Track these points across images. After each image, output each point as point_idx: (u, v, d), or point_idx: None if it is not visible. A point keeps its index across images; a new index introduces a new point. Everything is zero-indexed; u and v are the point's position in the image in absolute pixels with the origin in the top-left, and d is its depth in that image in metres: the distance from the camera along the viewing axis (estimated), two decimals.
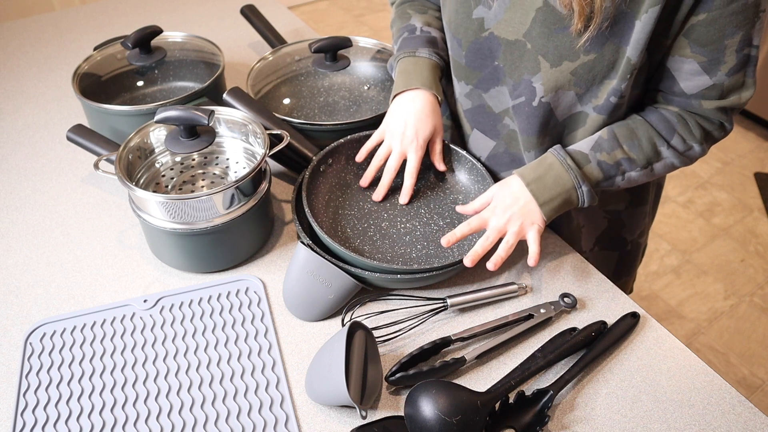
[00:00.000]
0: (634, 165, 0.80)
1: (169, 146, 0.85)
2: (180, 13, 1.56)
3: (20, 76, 1.32)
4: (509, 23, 0.79)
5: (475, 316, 0.82)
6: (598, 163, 0.79)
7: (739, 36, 0.71)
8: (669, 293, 2.01)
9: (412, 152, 0.89)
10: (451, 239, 0.80)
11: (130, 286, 0.86)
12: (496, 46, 0.82)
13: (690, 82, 0.76)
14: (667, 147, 0.80)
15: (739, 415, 0.71)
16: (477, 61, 0.85)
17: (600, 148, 0.80)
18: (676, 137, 0.79)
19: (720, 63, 0.73)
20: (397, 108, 0.91)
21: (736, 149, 2.60)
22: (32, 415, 0.71)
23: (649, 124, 0.80)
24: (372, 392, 0.71)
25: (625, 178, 0.81)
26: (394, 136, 0.90)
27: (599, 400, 0.72)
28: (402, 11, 1.01)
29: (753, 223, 2.27)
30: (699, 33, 0.72)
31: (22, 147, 1.12)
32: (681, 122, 0.79)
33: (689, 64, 0.75)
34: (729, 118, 0.79)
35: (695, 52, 0.74)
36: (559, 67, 0.77)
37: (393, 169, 0.90)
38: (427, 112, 0.90)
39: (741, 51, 0.72)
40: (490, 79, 0.86)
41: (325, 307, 0.80)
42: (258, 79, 1.08)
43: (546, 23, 0.76)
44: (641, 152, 0.79)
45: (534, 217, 0.79)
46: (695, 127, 0.79)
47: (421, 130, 0.89)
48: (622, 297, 0.84)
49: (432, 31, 0.96)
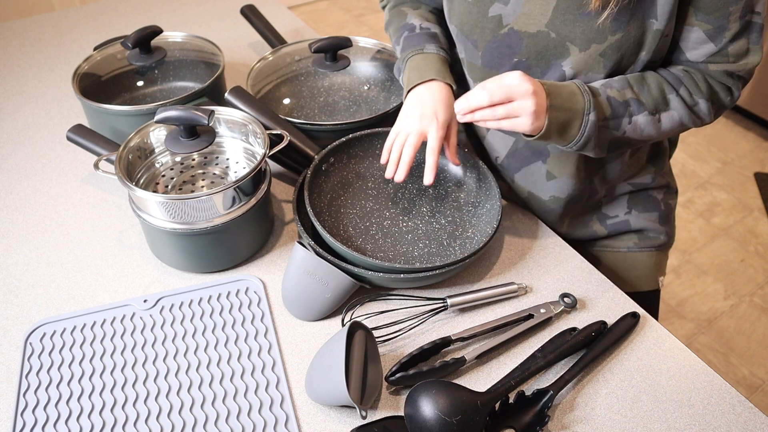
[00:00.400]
0: (642, 107, 0.79)
1: (169, 146, 0.85)
2: (180, 13, 1.56)
3: (20, 76, 1.32)
4: (529, 16, 0.79)
5: (475, 316, 0.82)
6: (607, 98, 0.78)
7: (742, 2, 0.73)
8: (669, 293, 2.01)
9: (433, 130, 0.85)
10: (464, 107, 0.74)
11: (130, 286, 0.86)
12: (516, 41, 0.81)
13: (696, 51, 0.79)
14: (676, 95, 0.80)
15: (739, 415, 0.71)
16: (494, 60, 0.84)
17: (610, 85, 0.79)
18: (683, 88, 0.80)
19: (725, 30, 0.75)
20: (414, 98, 0.88)
21: (736, 149, 2.60)
22: (32, 415, 0.71)
23: (659, 74, 0.81)
24: (372, 392, 0.71)
25: (632, 121, 0.79)
26: (411, 118, 0.86)
27: (599, 400, 0.72)
28: (397, 11, 1.01)
29: (753, 223, 2.27)
30: (704, 1, 0.74)
31: (22, 147, 1.12)
32: (687, 76, 0.81)
33: (695, 33, 0.77)
34: (735, 83, 0.81)
35: (701, 20, 0.75)
36: (587, 51, 0.77)
37: (412, 145, 0.84)
38: (443, 99, 0.88)
39: (743, 17, 0.74)
40: None
41: (324, 306, 0.80)
42: (258, 79, 1.08)
43: (569, 9, 0.76)
44: (650, 96, 0.80)
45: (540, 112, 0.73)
46: (701, 82, 0.80)
47: (441, 113, 0.86)
48: (622, 297, 0.84)
49: (431, 27, 0.95)
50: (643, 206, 0.98)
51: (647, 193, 0.98)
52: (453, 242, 0.87)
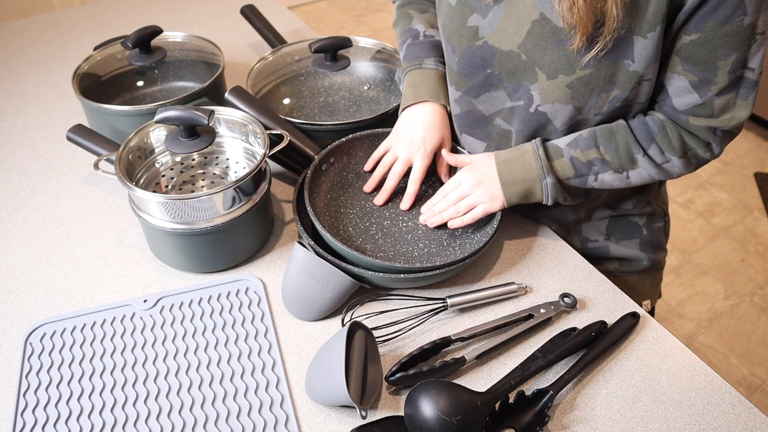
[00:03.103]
0: (607, 167, 0.80)
1: (169, 146, 0.85)
2: (180, 13, 1.56)
3: (20, 76, 1.32)
4: (503, 33, 0.78)
5: (475, 316, 0.82)
6: (571, 158, 0.80)
7: (732, 58, 0.70)
8: (669, 293, 2.01)
9: (419, 159, 0.89)
10: (429, 222, 0.87)
11: (130, 286, 0.86)
12: (490, 55, 0.81)
13: (680, 98, 0.76)
14: (643, 155, 0.79)
15: (739, 415, 0.71)
16: (468, 69, 0.84)
17: (576, 144, 0.80)
18: (653, 147, 0.79)
19: (711, 83, 0.73)
20: (406, 119, 0.92)
21: (736, 149, 2.60)
22: (32, 415, 0.71)
23: (630, 130, 0.80)
24: (372, 392, 0.71)
25: (598, 179, 0.81)
26: (401, 143, 0.91)
27: (599, 400, 0.72)
28: (403, 12, 1.01)
29: (753, 223, 2.27)
30: (690, 52, 0.72)
31: (22, 147, 1.12)
32: (662, 132, 0.79)
33: (680, 81, 0.75)
34: (717, 139, 0.78)
35: (686, 70, 0.73)
36: (555, 80, 0.76)
37: (397, 174, 0.90)
38: (435, 122, 0.90)
39: (734, 73, 0.72)
40: (481, 86, 0.84)
41: (324, 306, 0.80)
42: (258, 79, 1.08)
43: (542, 36, 0.75)
44: (616, 155, 0.80)
45: (495, 195, 0.83)
46: (675, 139, 0.78)
47: (429, 139, 0.89)
48: (622, 297, 0.84)
49: (435, 35, 0.96)
50: (622, 233, 0.96)
51: (628, 219, 0.96)
52: (453, 242, 0.87)
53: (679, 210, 2.33)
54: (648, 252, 0.98)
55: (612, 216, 0.95)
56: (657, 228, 0.99)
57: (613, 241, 0.97)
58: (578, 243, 0.98)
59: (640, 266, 0.98)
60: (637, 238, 0.97)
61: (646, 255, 0.98)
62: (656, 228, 0.99)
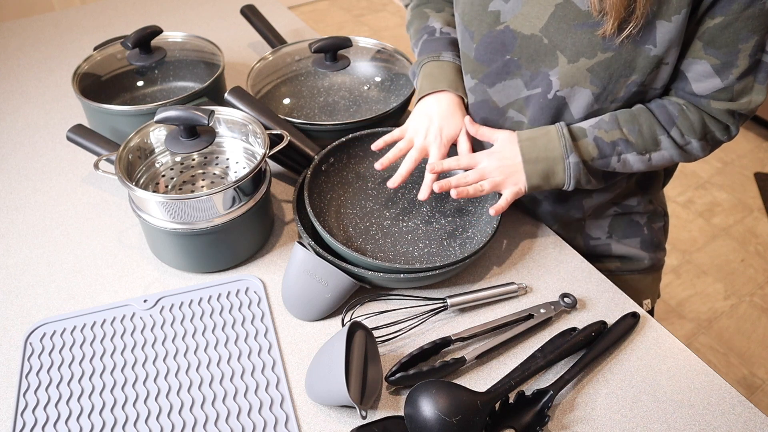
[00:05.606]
0: (631, 148, 0.80)
1: (169, 146, 0.85)
2: (180, 13, 1.56)
3: (20, 76, 1.32)
4: (526, 17, 0.79)
5: (475, 316, 0.82)
6: (594, 138, 0.80)
7: (753, 41, 0.72)
8: (669, 293, 2.01)
9: (435, 148, 0.87)
10: (437, 168, 0.84)
11: (130, 286, 0.86)
12: (510, 39, 0.81)
13: (701, 83, 0.77)
14: (667, 136, 0.80)
15: (739, 415, 0.71)
16: (487, 55, 0.84)
17: (600, 126, 0.80)
18: (674, 129, 0.79)
19: (732, 66, 0.74)
20: (422, 108, 0.90)
21: (736, 149, 2.60)
22: (32, 415, 0.71)
23: (651, 113, 0.80)
24: (372, 392, 0.71)
25: (621, 159, 0.81)
26: (417, 132, 0.88)
27: (599, 400, 0.72)
28: (419, 12, 1.01)
29: (753, 223, 2.27)
30: (714, 36, 0.72)
31: (22, 147, 1.12)
32: (682, 115, 0.79)
33: (702, 66, 0.75)
34: (735, 122, 0.79)
35: (709, 54, 0.74)
36: (576, 63, 0.77)
37: (413, 159, 0.87)
38: (452, 112, 0.89)
39: (753, 56, 0.73)
40: (498, 73, 0.84)
41: (324, 306, 0.80)
42: (258, 79, 1.08)
43: (565, 19, 0.76)
44: (640, 137, 0.80)
45: (518, 179, 0.82)
46: (697, 122, 0.79)
47: (446, 128, 0.88)
48: (622, 297, 0.84)
49: (452, 32, 0.95)
50: (624, 231, 0.97)
51: (630, 217, 0.97)
52: (453, 242, 0.87)
53: (679, 210, 2.33)
54: (648, 251, 0.99)
55: (616, 213, 0.96)
56: (657, 227, 1.00)
57: (615, 239, 0.97)
58: (581, 241, 0.98)
59: (642, 265, 0.99)
60: (638, 237, 0.98)
61: (647, 254, 0.98)
62: (656, 227, 1.00)
